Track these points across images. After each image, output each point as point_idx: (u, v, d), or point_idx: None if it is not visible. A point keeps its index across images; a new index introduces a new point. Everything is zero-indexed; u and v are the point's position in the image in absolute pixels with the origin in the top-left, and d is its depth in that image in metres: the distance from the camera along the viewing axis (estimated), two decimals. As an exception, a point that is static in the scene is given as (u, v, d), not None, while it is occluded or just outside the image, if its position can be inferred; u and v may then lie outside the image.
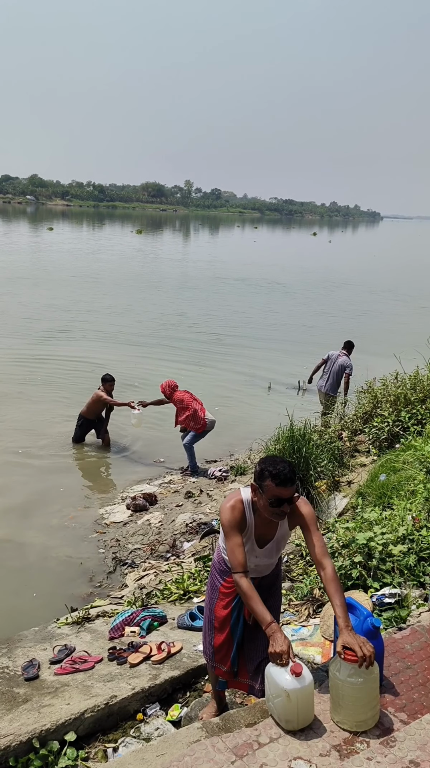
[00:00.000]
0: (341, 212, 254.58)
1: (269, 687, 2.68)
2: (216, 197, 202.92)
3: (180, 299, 23.94)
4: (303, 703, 2.62)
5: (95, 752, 3.26)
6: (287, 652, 2.62)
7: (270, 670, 2.67)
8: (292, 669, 2.59)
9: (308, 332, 19.04)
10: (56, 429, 9.87)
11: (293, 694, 2.57)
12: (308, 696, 2.63)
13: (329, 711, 2.73)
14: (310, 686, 2.61)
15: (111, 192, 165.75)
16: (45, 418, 10.30)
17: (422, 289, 31.42)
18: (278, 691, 2.61)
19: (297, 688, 2.57)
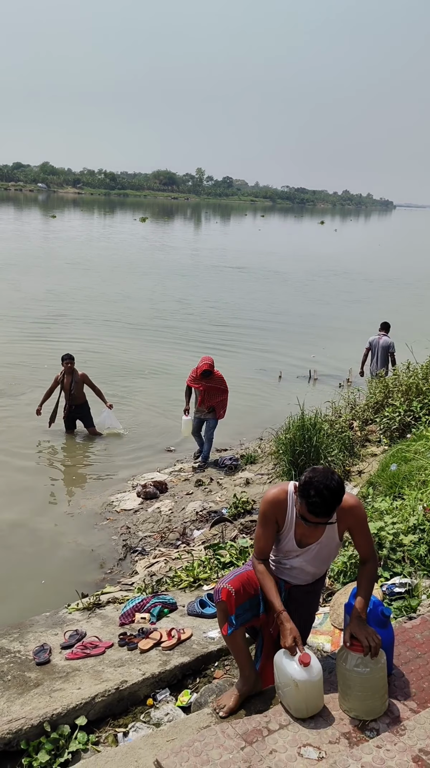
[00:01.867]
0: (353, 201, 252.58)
1: (279, 675, 2.70)
2: (228, 185, 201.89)
3: (178, 287, 23.80)
4: (312, 692, 2.63)
5: (106, 736, 3.29)
6: (294, 645, 2.63)
7: (279, 659, 2.67)
8: (300, 659, 2.59)
9: (312, 321, 18.93)
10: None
11: (302, 684, 2.58)
12: (317, 685, 2.63)
13: (338, 698, 2.74)
14: (319, 676, 2.62)
15: (122, 180, 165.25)
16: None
17: (422, 279, 31.01)
18: (286, 680, 2.62)
19: (305, 678, 2.58)
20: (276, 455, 7.53)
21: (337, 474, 2.66)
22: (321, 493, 2.57)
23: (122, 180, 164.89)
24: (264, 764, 2.42)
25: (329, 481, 2.59)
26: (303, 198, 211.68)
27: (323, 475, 2.61)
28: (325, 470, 2.64)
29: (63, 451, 8.89)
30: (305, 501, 2.60)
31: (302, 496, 2.61)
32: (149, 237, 46.55)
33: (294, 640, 2.65)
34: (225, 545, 5.81)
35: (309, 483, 2.60)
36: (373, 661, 2.60)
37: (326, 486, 2.58)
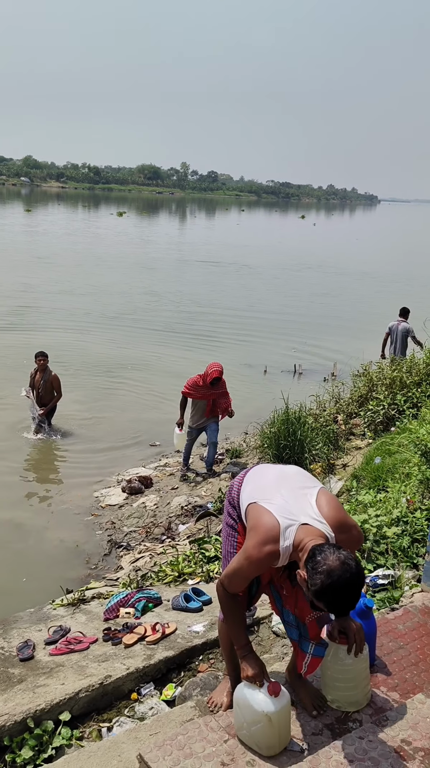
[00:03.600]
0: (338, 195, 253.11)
1: (244, 715, 2.44)
2: (212, 180, 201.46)
3: (149, 281, 23.67)
4: (285, 722, 2.44)
5: (90, 731, 3.28)
6: (261, 675, 2.44)
7: (242, 696, 2.46)
8: (270, 689, 2.39)
9: (288, 315, 18.95)
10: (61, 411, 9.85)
11: (275, 717, 2.36)
12: (288, 713, 2.47)
13: (322, 689, 2.74)
14: (289, 703, 2.46)
15: (107, 174, 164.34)
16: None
17: (397, 273, 30.95)
18: (256, 717, 2.38)
19: (277, 709, 2.37)
20: (261, 449, 7.55)
21: (348, 553, 2.19)
22: (346, 598, 2.15)
23: (106, 174, 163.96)
24: (247, 757, 2.43)
25: (349, 579, 2.12)
26: (288, 192, 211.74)
27: (343, 577, 2.11)
28: (341, 565, 2.13)
29: (46, 447, 8.84)
30: (324, 605, 2.18)
31: (319, 599, 2.16)
32: (126, 231, 46.13)
33: (261, 670, 2.47)
34: (210, 539, 5.81)
35: (328, 592, 2.13)
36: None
37: (347, 586, 2.13)
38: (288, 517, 2.34)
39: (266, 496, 2.46)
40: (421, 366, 7.98)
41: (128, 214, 66.88)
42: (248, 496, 2.54)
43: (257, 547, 2.31)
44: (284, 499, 2.42)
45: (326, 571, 2.12)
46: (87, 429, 9.43)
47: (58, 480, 7.94)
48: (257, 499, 2.47)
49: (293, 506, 2.39)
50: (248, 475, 2.70)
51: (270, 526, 2.32)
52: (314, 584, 2.13)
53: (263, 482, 2.57)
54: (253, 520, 2.42)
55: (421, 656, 3.07)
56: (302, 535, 2.29)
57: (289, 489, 2.50)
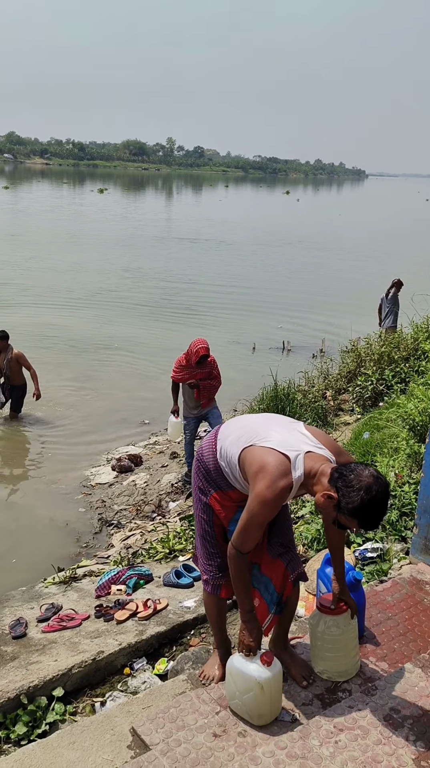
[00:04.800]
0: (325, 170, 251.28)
1: (236, 683, 2.49)
2: (199, 155, 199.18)
3: (127, 258, 23.42)
4: (276, 691, 2.49)
5: (83, 707, 3.32)
6: (258, 644, 2.48)
7: (234, 666, 2.50)
8: (262, 658, 2.44)
9: (270, 291, 18.84)
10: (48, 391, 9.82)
11: (267, 685, 2.41)
12: (280, 682, 2.51)
13: (311, 661, 2.78)
14: (280, 673, 2.49)
15: (91, 150, 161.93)
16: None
17: (376, 248, 30.66)
18: (248, 685, 2.42)
19: (269, 677, 2.42)
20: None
21: (373, 468, 2.28)
22: (381, 513, 2.22)
23: (91, 150, 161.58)
24: (239, 728, 2.46)
25: (385, 491, 2.20)
26: (275, 168, 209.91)
27: (380, 490, 2.18)
28: (376, 481, 2.19)
29: (34, 426, 8.80)
30: (359, 520, 2.21)
31: (356, 517, 2.20)
32: (106, 208, 45.30)
33: (259, 640, 2.51)
34: (200, 516, 5.84)
35: (368, 507, 2.17)
36: (344, 623, 2.64)
37: (384, 499, 2.20)
38: (291, 449, 2.33)
39: (261, 436, 2.41)
40: (409, 341, 7.99)
41: (109, 191, 65.89)
42: (237, 445, 2.47)
43: (271, 487, 2.26)
44: (280, 434, 2.40)
45: (364, 487, 2.16)
46: (75, 408, 9.40)
47: (47, 459, 7.92)
48: (252, 441, 2.41)
49: (290, 439, 2.38)
50: (221, 433, 2.62)
51: (279, 461, 2.30)
52: (351, 502, 2.16)
53: (250, 426, 2.51)
54: (256, 463, 2.34)
55: (409, 627, 3.11)
56: (310, 463, 2.31)
57: (279, 425, 2.48)
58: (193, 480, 2.74)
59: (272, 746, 2.31)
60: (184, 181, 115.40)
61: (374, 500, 2.16)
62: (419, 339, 7.84)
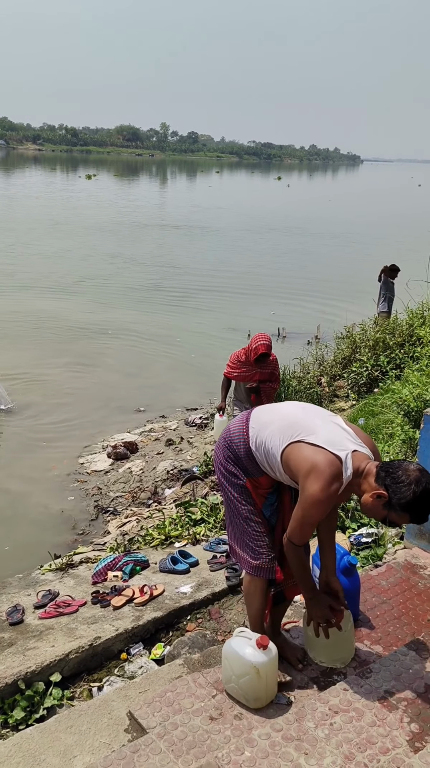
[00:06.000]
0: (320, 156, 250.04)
1: (232, 667, 2.51)
2: (193, 141, 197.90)
3: (113, 244, 23.23)
4: (272, 675, 2.50)
5: (80, 692, 3.34)
6: (329, 614, 2.54)
7: (231, 649, 2.52)
8: (258, 642, 2.46)
9: (259, 278, 18.76)
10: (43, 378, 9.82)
11: (263, 668, 2.43)
12: (275, 666, 2.52)
13: (305, 648, 2.80)
14: (276, 656, 2.51)
15: (84, 136, 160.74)
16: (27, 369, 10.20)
17: (364, 234, 30.49)
18: (244, 669, 2.45)
19: (265, 661, 2.44)
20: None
21: (419, 464, 2.33)
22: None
23: (84, 136, 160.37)
24: (235, 711, 2.49)
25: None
26: (270, 153, 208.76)
27: (428, 478, 2.24)
28: (423, 474, 2.25)
29: (29, 413, 8.78)
30: (412, 515, 2.25)
31: (409, 509, 2.23)
32: (93, 195, 44.81)
33: (327, 610, 2.56)
34: (196, 503, 5.86)
35: (421, 500, 2.21)
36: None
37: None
38: (340, 448, 2.32)
39: (306, 431, 2.37)
40: (404, 327, 8.00)
41: (98, 177, 65.31)
42: (281, 438, 2.41)
43: (325, 489, 2.25)
44: (325, 429, 2.38)
45: (414, 480, 2.21)
46: (70, 395, 9.38)
47: (42, 447, 7.92)
48: (299, 437, 2.36)
49: (335, 436, 2.36)
50: (253, 420, 2.56)
51: (329, 461, 2.28)
52: (404, 497, 2.20)
53: (291, 419, 2.45)
54: (306, 462, 2.30)
55: (403, 610, 3.14)
56: (357, 462, 2.32)
57: (321, 419, 2.44)
58: (218, 465, 2.64)
59: (268, 728, 2.33)
60: (177, 166, 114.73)
61: (425, 492, 2.20)
62: (414, 325, 7.85)
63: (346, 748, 2.23)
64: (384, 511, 2.26)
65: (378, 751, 2.22)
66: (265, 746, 2.24)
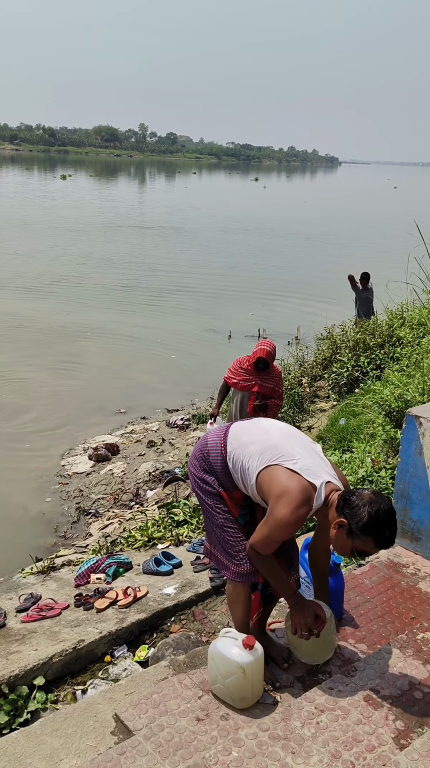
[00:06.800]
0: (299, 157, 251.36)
1: (218, 667, 2.49)
2: (172, 142, 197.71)
3: (83, 245, 23.06)
4: (258, 675, 2.50)
5: (64, 695, 3.32)
6: (313, 624, 2.51)
7: (217, 650, 2.50)
8: (245, 642, 2.45)
9: (233, 279, 18.79)
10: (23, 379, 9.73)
11: (249, 669, 2.42)
12: (261, 665, 2.51)
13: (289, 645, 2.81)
14: (262, 656, 2.50)
15: (62, 136, 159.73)
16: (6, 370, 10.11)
17: (340, 235, 30.71)
18: (230, 669, 2.44)
19: (251, 661, 2.43)
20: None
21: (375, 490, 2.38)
22: (391, 525, 2.25)
23: (62, 136, 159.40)
24: (221, 711, 2.49)
25: (391, 508, 2.28)
26: (249, 155, 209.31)
27: (384, 503, 2.26)
28: (378, 496, 2.28)
29: (8, 414, 8.71)
30: (375, 540, 2.24)
31: (371, 534, 2.23)
32: (67, 195, 44.52)
33: (314, 616, 2.53)
34: (179, 504, 5.85)
35: (376, 516, 2.22)
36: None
37: (391, 518, 2.26)
38: (315, 476, 2.35)
39: (285, 456, 2.39)
40: (384, 328, 8.07)
41: (73, 178, 64.92)
42: (259, 460, 2.42)
43: (294, 513, 2.27)
44: (304, 457, 2.40)
45: (368, 503, 2.24)
46: (50, 397, 9.32)
47: (22, 449, 7.86)
48: (276, 461, 2.38)
49: (313, 464, 2.39)
50: (232, 435, 2.56)
51: (303, 488, 2.30)
52: (360, 520, 2.22)
53: (272, 441, 2.46)
54: (280, 486, 2.32)
55: (387, 609, 3.17)
56: (328, 491, 2.35)
57: (302, 446, 2.46)
58: (191, 475, 2.64)
59: (254, 728, 2.34)
60: (155, 167, 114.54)
61: (380, 512, 2.22)
62: (394, 326, 7.92)
63: (332, 747, 2.24)
64: (348, 540, 2.28)
65: (364, 749, 2.23)
66: (252, 746, 2.25)
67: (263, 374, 5.34)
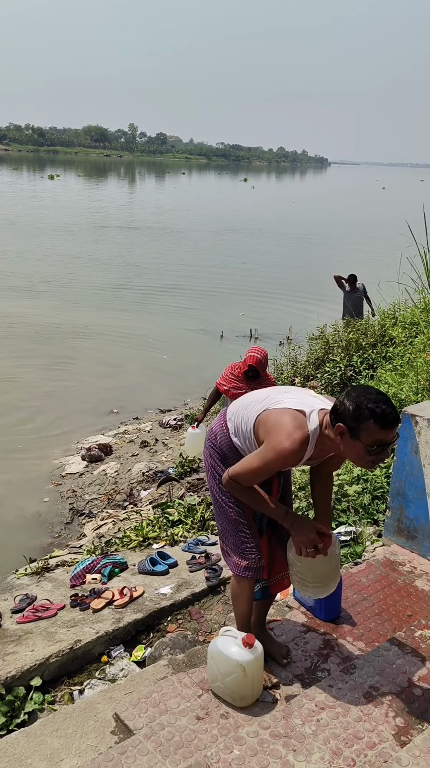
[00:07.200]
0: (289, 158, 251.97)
1: (218, 666, 2.50)
2: (162, 142, 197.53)
3: (68, 245, 22.91)
4: (257, 673, 2.50)
5: (61, 695, 3.30)
6: (316, 539, 2.38)
7: (217, 648, 2.51)
8: (244, 641, 2.45)
9: (223, 279, 18.75)
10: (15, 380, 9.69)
11: (249, 667, 2.43)
12: (261, 665, 2.52)
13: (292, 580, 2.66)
14: (262, 655, 2.50)
15: (51, 136, 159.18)
16: None
17: (327, 236, 30.65)
18: (230, 668, 2.44)
19: (251, 659, 2.44)
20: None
21: None
22: (382, 401, 2.18)
23: (51, 136, 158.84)
24: (221, 710, 2.49)
25: (371, 389, 2.24)
26: (238, 155, 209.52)
27: (363, 390, 2.22)
28: (355, 387, 2.26)
29: (2, 416, 8.67)
30: (374, 419, 2.14)
31: (367, 417, 2.15)
32: (54, 196, 44.15)
33: (315, 531, 2.41)
34: (173, 504, 5.84)
35: (360, 398, 2.18)
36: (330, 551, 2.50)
37: (377, 393, 2.21)
38: (306, 406, 2.34)
39: (274, 400, 2.41)
40: (376, 328, 8.10)
41: (61, 178, 64.63)
42: (252, 413, 2.45)
43: (289, 438, 2.24)
44: (294, 396, 2.41)
45: (346, 396, 2.21)
46: (43, 398, 9.28)
47: (15, 450, 7.82)
48: (267, 406, 2.40)
49: (304, 398, 2.39)
50: (229, 413, 2.60)
51: (293, 416, 2.30)
52: (348, 411, 2.18)
53: (261, 395, 2.50)
54: (270, 423, 2.33)
55: (384, 606, 3.18)
56: (322, 415, 2.31)
57: (291, 391, 2.49)
58: (208, 467, 2.64)
59: (255, 726, 2.34)
60: (145, 168, 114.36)
61: (362, 394, 2.19)
62: (387, 325, 7.96)
63: (333, 744, 2.25)
64: (356, 443, 2.19)
65: (365, 746, 2.24)
66: (253, 744, 2.25)
67: (254, 383, 5.16)
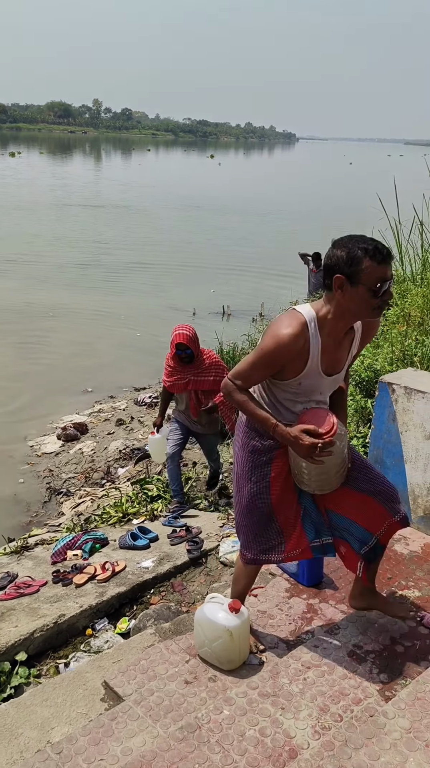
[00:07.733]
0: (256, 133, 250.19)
1: (204, 632, 2.55)
2: (127, 118, 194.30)
3: (36, 225, 22.55)
4: (244, 637, 2.56)
5: (47, 669, 3.32)
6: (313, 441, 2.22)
7: (204, 615, 2.55)
8: (230, 606, 2.51)
9: (189, 255, 18.65)
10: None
11: (236, 632, 2.48)
12: (247, 627, 2.58)
13: None
14: (247, 619, 2.56)
15: (14, 112, 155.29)
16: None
17: (293, 212, 30.52)
18: (217, 633, 2.50)
19: (238, 624, 2.49)
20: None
21: None
22: (369, 239, 2.14)
23: (14, 112, 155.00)
24: (209, 674, 2.53)
25: (354, 235, 2.18)
26: (206, 131, 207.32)
27: (346, 236, 2.18)
28: (348, 236, 2.19)
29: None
30: (369, 256, 2.08)
31: (361, 256, 2.08)
32: (16, 174, 43.39)
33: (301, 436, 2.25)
34: (151, 479, 5.86)
35: (349, 243, 2.12)
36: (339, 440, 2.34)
37: (363, 236, 2.17)
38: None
39: None
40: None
41: (23, 155, 63.26)
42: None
43: (287, 325, 2.19)
44: None
45: (343, 241, 2.16)
46: (15, 379, 9.17)
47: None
48: None
49: None
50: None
51: (288, 313, 2.25)
52: (341, 259, 2.12)
53: None
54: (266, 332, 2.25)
55: (364, 570, 3.25)
56: (316, 306, 2.26)
57: None
58: (243, 446, 2.51)
59: (244, 687, 2.39)
60: (110, 144, 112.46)
61: (352, 237, 2.15)
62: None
63: (320, 701, 2.31)
64: (358, 288, 2.11)
65: (351, 702, 2.31)
66: (242, 704, 2.30)
67: (192, 367, 4.69)
